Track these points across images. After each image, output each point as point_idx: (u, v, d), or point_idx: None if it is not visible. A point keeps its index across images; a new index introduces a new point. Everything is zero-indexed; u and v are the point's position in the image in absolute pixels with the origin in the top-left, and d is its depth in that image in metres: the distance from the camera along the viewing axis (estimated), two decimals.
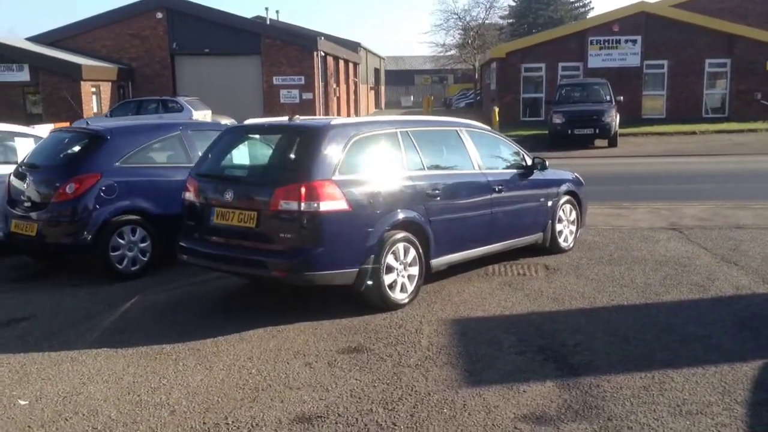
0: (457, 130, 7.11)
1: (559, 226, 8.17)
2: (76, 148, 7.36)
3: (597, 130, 20.90)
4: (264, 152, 6.49)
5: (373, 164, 6.27)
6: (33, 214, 7.17)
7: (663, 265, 7.57)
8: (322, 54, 36.16)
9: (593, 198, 12.39)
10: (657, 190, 13.70)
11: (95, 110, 31.83)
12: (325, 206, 5.56)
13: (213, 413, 4.13)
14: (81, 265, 7.65)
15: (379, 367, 4.82)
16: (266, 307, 6.29)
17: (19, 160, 7.96)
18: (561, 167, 9.25)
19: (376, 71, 62.12)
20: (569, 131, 21.02)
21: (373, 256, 5.85)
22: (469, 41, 44.78)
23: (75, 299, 6.61)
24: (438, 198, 6.44)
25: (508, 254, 7.87)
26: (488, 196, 7.02)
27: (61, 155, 7.38)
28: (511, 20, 58.71)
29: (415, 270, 6.27)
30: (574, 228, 8.43)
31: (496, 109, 22.94)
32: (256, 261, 5.71)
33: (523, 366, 4.83)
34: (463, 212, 6.74)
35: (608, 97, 22.32)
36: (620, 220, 10.28)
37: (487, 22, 48.38)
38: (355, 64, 48.37)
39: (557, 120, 21.23)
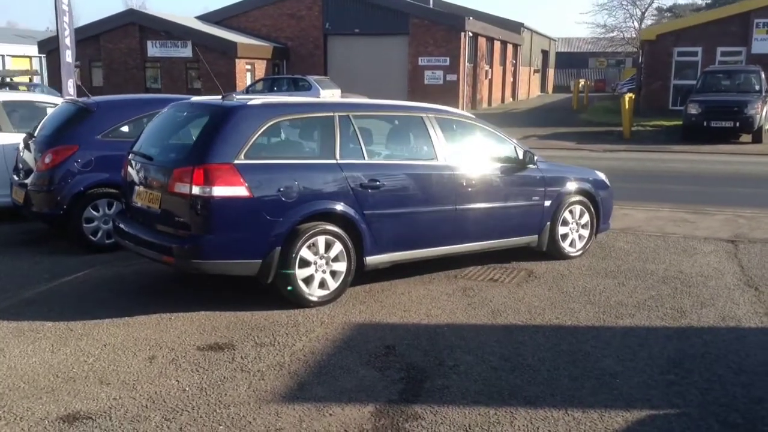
0: (422, 117, 6.47)
1: (563, 230, 7.29)
2: (65, 120, 7.59)
3: (737, 124, 18.59)
4: (183, 131, 6.28)
5: (291, 150, 5.88)
6: (25, 182, 7.51)
7: (665, 282, 6.52)
8: (471, 34, 35.38)
9: (677, 199, 11.09)
10: (764, 195, 11.93)
11: None
12: (219, 192, 5.27)
13: None
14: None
15: (217, 370, 4.51)
16: (196, 291, 6.09)
17: None
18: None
19: (544, 53, 59.88)
20: (705, 123, 18.89)
21: (279, 248, 5.50)
22: (634, 22, 41.72)
23: (34, 267, 6.85)
24: (377, 190, 5.92)
25: (503, 255, 7.16)
26: (452, 191, 6.36)
27: (52, 126, 7.64)
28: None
29: (341, 266, 5.82)
30: (586, 233, 7.49)
31: (627, 97, 21.03)
32: (155, 245, 5.56)
33: (368, 385, 4.31)
34: (412, 207, 6.16)
35: (758, 87, 19.80)
36: (680, 227, 9.03)
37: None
38: (515, 46, 46.92)
39: (692, 110, 19.14)
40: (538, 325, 5.42)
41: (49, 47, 36.70)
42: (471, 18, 35.47)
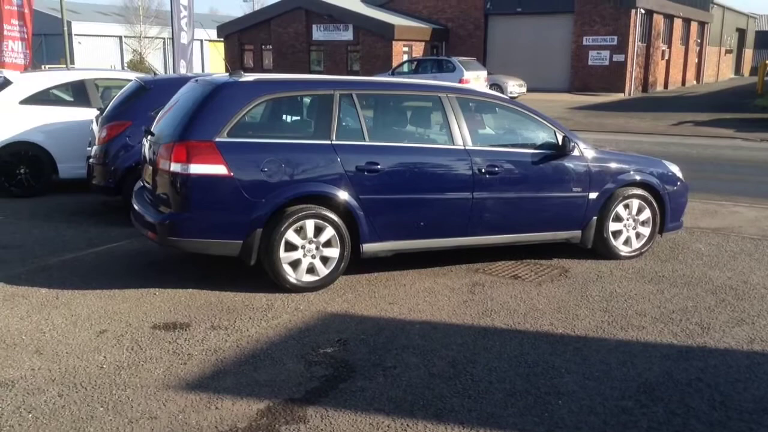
0: (440, 97, 5.99)
1: (615, 226, 6.50)
2: (125, 97, 7.90)
3: None
4: (181, 109, 6.16)
5: (283, 129, 5.68)
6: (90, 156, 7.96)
7: (714, 293, 5.62)
8: (643, 11, 33.00)
9: None
10: None
11: None
12: (197, 169, 5.19)
13: None
14: None
15: (150, 349, 4.45)
16: (206, 270, 6.03)
17: None
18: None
19: (740, 32, 54.70)
20: None
21: (260, 229, 5.34)
22: None
23: (80, 235, 7.20)
24: (376, 174, 5.57)
25: (546, 250, 6.58)
26: (468, 178, 5.86)
27: (114, 103, 7.98)
28: None
29: (333, 252, 5.56)
30: (646, 231, 6.63)
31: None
32: (145, 221, 5.61)
33: (282, 380, 4.05)
34: (418, 193, 5.74)
35: None
36: None
37: None
38: (702, 23, 43.22)
39: None
40: (522, 330, 4.85)
41: (227, 31, 39.07)
42: None
